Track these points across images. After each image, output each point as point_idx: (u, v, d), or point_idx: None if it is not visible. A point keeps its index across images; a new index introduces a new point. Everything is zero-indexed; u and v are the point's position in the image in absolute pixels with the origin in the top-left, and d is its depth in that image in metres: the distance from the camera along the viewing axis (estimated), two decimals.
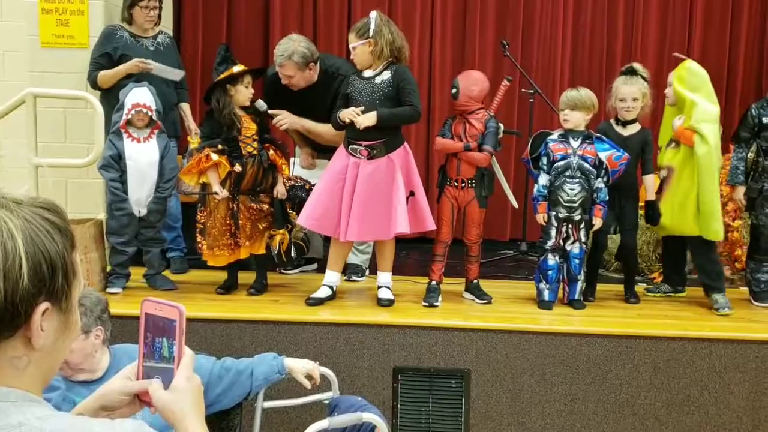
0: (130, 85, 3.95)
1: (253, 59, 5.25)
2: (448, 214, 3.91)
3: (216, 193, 3.77)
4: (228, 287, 4.03)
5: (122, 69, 4.21)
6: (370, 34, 3.67)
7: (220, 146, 3.77)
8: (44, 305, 0.96)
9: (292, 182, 4.11)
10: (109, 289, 3.90)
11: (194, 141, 4.39)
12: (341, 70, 4.12)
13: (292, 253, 3.94)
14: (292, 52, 3.98)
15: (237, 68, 3.77)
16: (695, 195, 3.91)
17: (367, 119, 3.64)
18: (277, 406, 2.79)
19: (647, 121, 4.20)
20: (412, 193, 3.79)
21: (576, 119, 3.86)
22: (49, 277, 0.96)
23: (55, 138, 4.53)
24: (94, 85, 4.29)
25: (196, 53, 5.69)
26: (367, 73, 3.77)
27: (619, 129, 4.01)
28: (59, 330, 1.01)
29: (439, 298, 3.92)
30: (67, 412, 1.05)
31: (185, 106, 4.58)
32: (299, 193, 4.08)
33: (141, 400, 1.15)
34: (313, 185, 4.04)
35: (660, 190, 4.09)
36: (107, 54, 4.27)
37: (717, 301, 3.94)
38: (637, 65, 4.06)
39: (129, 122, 3.85)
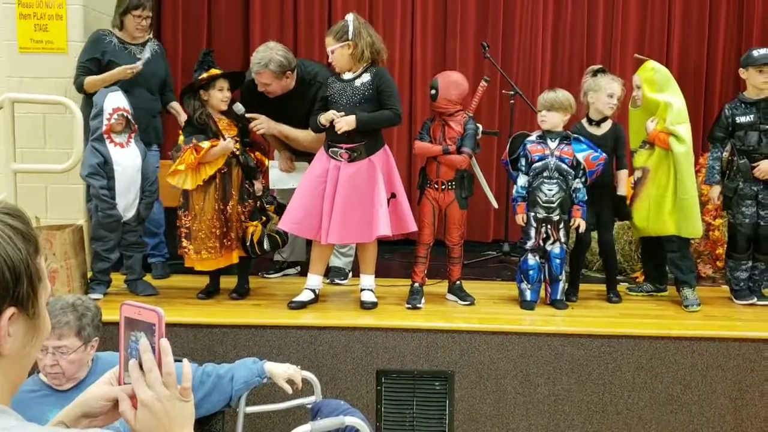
0: (103, 90, 3.92)
1: (233, 63, 5.22)
2: (429, 216, 3.91)
3: (228, 142, 3.70)
4: (210, 292, 4.01)
5: (112, 75, 4.16)
6: (349, 36, 3.67)
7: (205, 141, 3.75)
8: (10, 311, 0.95)
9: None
10: (89, 295, 3.86)
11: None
12: (318, 77, 4.10)
13: (265, 246, 3.87)
14: (269, 61, 3.96)
15: (207, 74, 3.76)
16: (671, 194, 3.96)
17: (346, 123, 3.63)
18: (259, 411, 2.78)
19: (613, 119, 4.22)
20: (393, 195, 3.79)
21: (553, 120, 3.88)
22: (12, 285, 0.94)
23: (34, 143, 4.48)
24: (80, 89, 4.26)
25: (176, 56, 5.65)
26: (347, 76, 3.76)
27: (592, 129, 4.04)
28: (27, 335, 0.99)
29: (422, 300, 3.91)
30: (35, 423, 1.02)
31: (175, 104, 4.53)
32: (269, 199, 4.08)
33: None
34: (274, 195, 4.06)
35: (634, 192, 4.12)
36: (95, 59, 4.24)
37: (687, 297, 3.99)
38: (605, 69, 4.12)
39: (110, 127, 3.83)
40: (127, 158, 3.87)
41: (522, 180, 3.92)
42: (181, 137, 3.83)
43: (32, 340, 1.00)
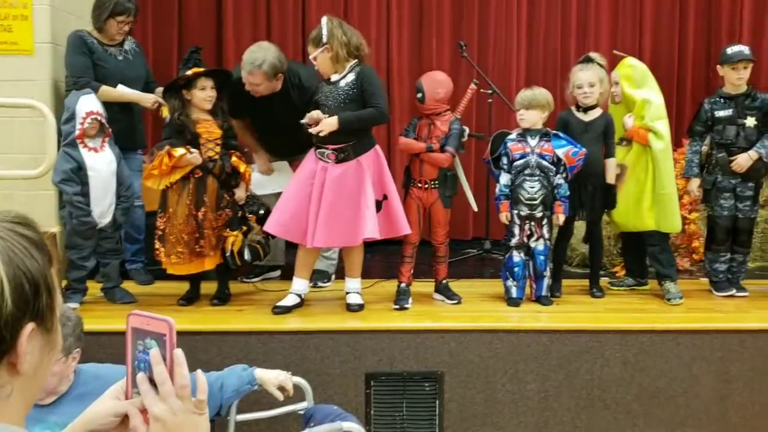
0: (75, 93, 3.81)
1: (205, 62, 5.12)
2: (414, 215, 3.88)
3: (194, 157, 3.63)
4: (190, 298, 3.92)
5: (133, 97, 4.09)
6: (324, 40, 3.63)
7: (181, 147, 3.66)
8: (30, 326, 0.89)
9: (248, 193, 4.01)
10: (66, 304, 3.74)
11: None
12: (303, 80, 4.04)
13: (245, 256, 3.79)
14: (263, 62, 3.86)
15: (190, 72, 3.68)
16: (650, 190, 3.99)
17: (328, 125, 3.58)
18: (250, 419, 2.72)
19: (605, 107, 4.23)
20: (385, 197, 3.74)
21: (531, 118, 3.88)
22: (32, 298, 0.89)
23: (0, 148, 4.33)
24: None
25: (146, 54, 5.54)
26: (334, 78, 3.72)
27: (580, 115, 4.04)
28: (44, 350, 0.94)
29: (410, 301, 3.88)
30: None
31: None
32: (254, 209, 4.00)
33: None
34: (262, 203, 3.99)
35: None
36: (90, 60, 4.11)
37: (669, 291, 4.04)
38: (593, 54, 4.13)
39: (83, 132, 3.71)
40: (101, 163, 3.76)
41: (504, 178, 3.92)
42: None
43: (48, 354, 0.95)
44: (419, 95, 3.83)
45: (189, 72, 3.67)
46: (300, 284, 3.81)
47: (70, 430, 1.09)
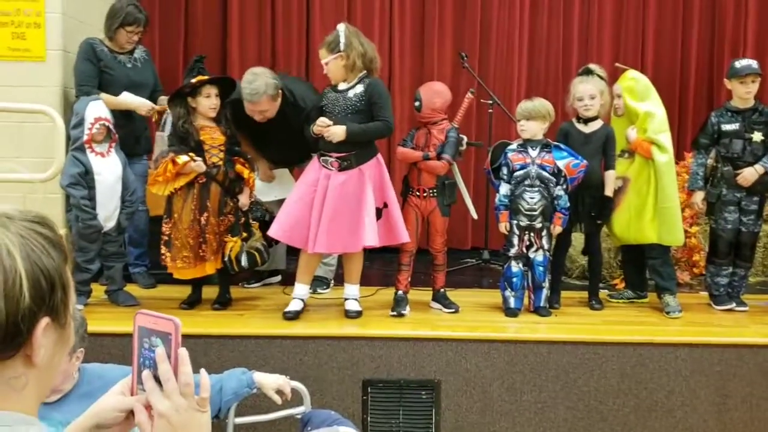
0: (84, 99, 3.88)
1: (210, 71, 5.19)
2: (412, 223, 3.91)
3: (198, 165, 3.68)
4: (192, 302, 3.98)
5: (132, 104, 4.13)
6: (341, 47, 3.66)
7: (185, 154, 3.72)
8: (45, 320, 0.94)
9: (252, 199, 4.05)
10: None
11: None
12: (298, 98, 4.04)
13: (243, 262, 3.83)
14: (265, 87, 3.83)
15: (194, 80, 3.74)
16: (652, 203, 4.00)
17: (335, 134, 3.62)
18: (248, 422, 2.75)
19: (606, 119, 4.25)
20: (385, 205, 3.78)
21: (532, 129, 3.91)
22: (48, 293, 0.94)
23: (9, 153, 4.39)
24: None
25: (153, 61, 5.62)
26: (342, 86, 3.75)
27: (581, 127, 4.07)
28: (57, 345, 0.98)
29: (407, 308, 3.91)
30: None
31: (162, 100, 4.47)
32: (257, 215, 4.04)
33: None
34: (266, 209, 4.02)
35: (615, 201, 4.15)
36: (95, 67, 4.19)
37: (668, 304, 4.04)
38: (593, 65, 4.16)
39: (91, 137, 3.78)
40: (107, 168, 3.84)
41: (504, 189, 3.95)
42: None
43: (61, 350, 1.00)
44: (416, 104, 3.88)
45: (194, 80, 3.74)
46: (302, 289, 3.85)
47: (76, 424, 1.14)
